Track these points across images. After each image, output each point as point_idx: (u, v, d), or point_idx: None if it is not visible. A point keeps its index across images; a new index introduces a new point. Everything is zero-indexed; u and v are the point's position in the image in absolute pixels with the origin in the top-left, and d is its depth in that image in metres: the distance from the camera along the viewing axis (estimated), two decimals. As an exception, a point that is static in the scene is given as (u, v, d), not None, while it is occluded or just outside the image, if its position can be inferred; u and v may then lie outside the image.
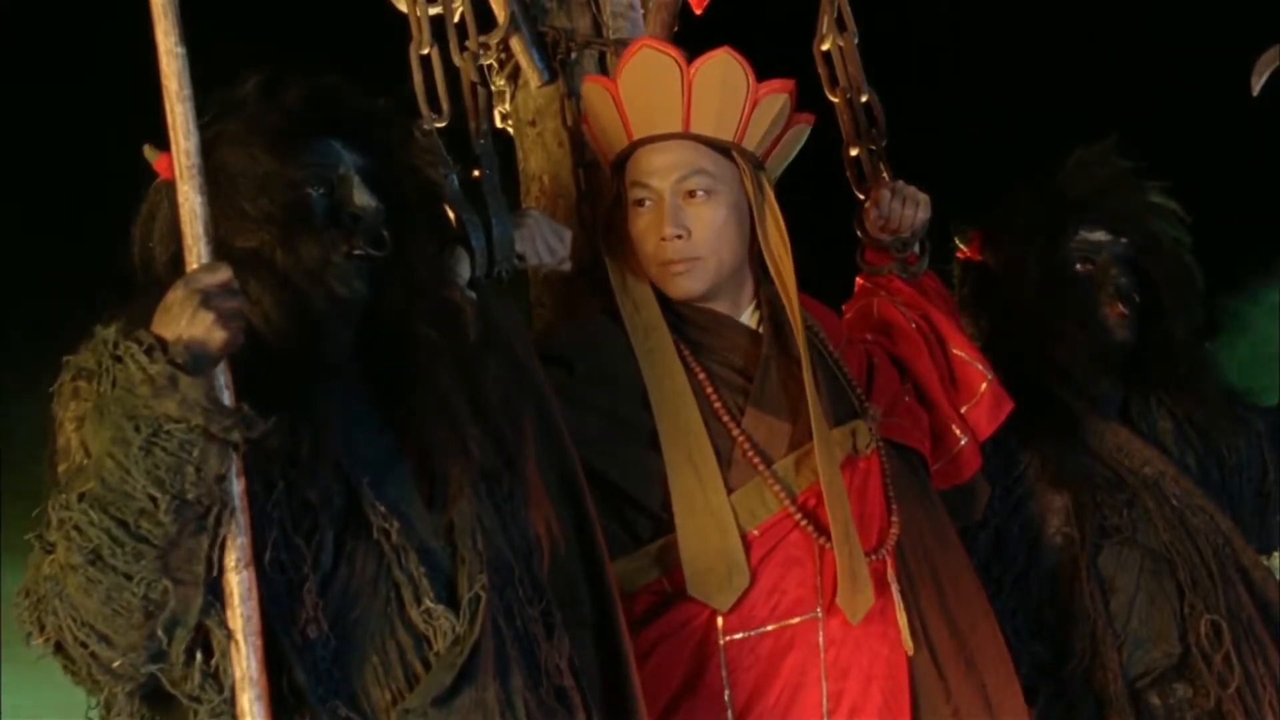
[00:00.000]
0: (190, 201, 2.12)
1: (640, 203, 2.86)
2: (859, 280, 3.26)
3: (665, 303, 2.88)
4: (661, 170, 2.83)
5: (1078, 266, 3.36)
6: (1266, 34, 3.40)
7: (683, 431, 2.75)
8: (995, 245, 3.42)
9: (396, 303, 2.30)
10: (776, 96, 2.88)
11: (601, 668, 2.50)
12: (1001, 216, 3.45)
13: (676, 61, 2.83)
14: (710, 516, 2.70)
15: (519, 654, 2.28)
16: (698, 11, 3.23)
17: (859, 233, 3.23)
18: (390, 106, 2.43)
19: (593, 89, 2.92)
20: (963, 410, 3.11)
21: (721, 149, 2.85)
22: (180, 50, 2.13)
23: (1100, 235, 3.38)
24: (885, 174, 3.26)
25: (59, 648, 2.07)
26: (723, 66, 2.83)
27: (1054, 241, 3.36)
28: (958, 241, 3.49)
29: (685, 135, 2.84)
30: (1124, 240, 3.37)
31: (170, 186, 2.19)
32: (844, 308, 3.25)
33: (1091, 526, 3.25)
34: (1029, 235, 3.38)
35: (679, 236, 2.82)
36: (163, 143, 2.18)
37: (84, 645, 2.05)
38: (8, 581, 2.14)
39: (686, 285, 2.84)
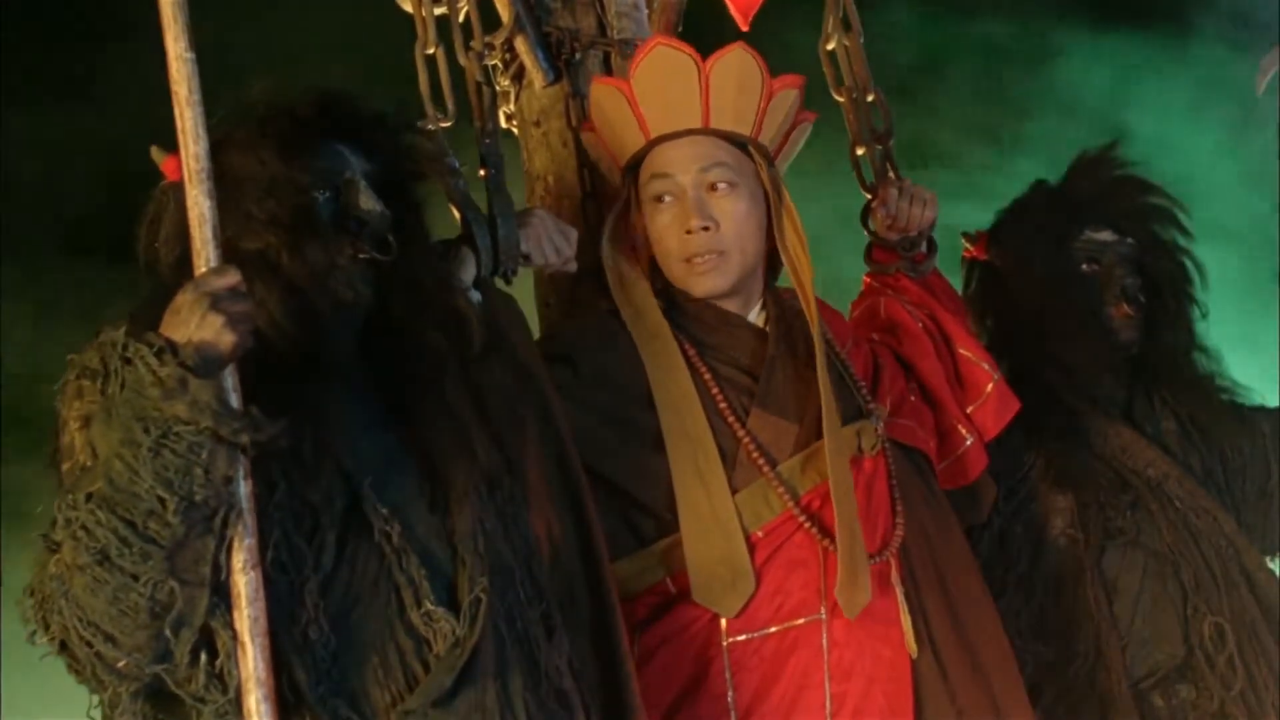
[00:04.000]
0: (199, 205, 2.12)
1: (660, 198, 2.85)
2: (866, 279, 3.26)
3: (671, 300, 2.88)
4: (683, 162, 2.83)
5: (1083, 267, 3.37)
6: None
7: (687, 434, 2.74)
8: (1001, 245, 3.42)
9: (401, 307, 2.31)
10: (789, 91, 2.90)
11: (600, 669, 2.50)
12: (1009, 217, 3.45)
13: (692, 58, 2.83)
14: (715, 522, 2.69)
15: (519, 656, 2.29)
16: (744, 27, 3.21)
17: (866, 231, 3.23)
18: (397, 112, 2.44)
19: (603, 90, 2.91)
20: (969, 410, 3.10)
21: (739, 144, 2.85)
22: (190, 55, 2.14)
23: (1106, 236, 3.38)
24: (892, 173, 3.26)
25: (64, 646, 2.08)
26: (738, 62, 2.84)
27: (1060, 242, 3.37)
28: (964, 242, 3.48)
29: (705, 130, 2.83)
30: (1129, 241, 3.38)
31: (177, 189, 2.19)
32: (851, 306, 3.25)
33: (1095, 528, 3.25)
34: (1035, 235, 3.38)
35: (705, 228, 2.81)
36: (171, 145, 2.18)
37: (89, 645, 2.05)
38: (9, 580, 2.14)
39: (711, 283, 2.83)
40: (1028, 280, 3.35)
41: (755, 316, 2.90)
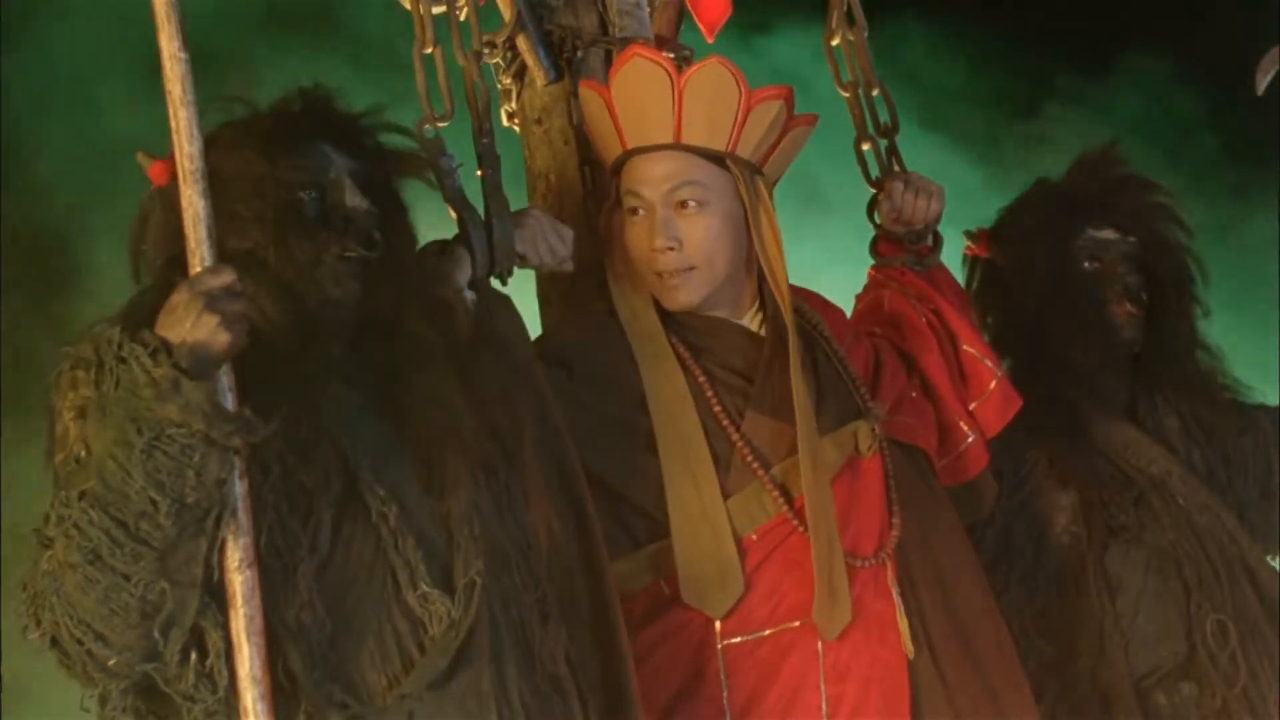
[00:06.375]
0: (194, 205, 2.15)
1: (634, 211, 2.84)
2: (871, 272, 3.25)
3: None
4: (653, 181, 2.81)
5: (1085, 264, 3.35)
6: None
7: (680, 436, 2.74)
8: (1003, 243, 3.41)
9: (389, 301, 2.33)
10: (770, 104, 2.83)
11: (600, 664, 2.51)
12: (1010, 215, 3.44)
13: (667, 71, 2.79)
14: (705, 523, 2.69)
15: (514, 640, 2.31)
16: (709, 39, 3.20)
17: (872, 224, 3.22)
18: (381, 111, 2.45)
19: (588, 95, 2.90)
20: (971, 407, 3.09)
21: (714, 158, 2.82)
22: (184, 55, 2.16)
23: (1108, 234, 3.36)
24: (898, 166, 3.25)
25: (55, 643, 2.10)
26: (714, 76, 2.79)
27: (1062, 240, 3.35)
28: (966, 239, 3.47)
29: (677, 146, 2.80)
30: (1131, 239, 3.36)
31: (164, 192, 2.22)
32: (856, 299, 3.24)
33: (1098, 525, 3.24)
34: (1037, 233, 3.36)
35: (670, 248, 2.79)
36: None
37: (80, 642, 2.08)
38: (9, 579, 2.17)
39: (683, 298, 2.83)
40: (1029, 278, 3.33)
41: (749, 320, 2.89)
